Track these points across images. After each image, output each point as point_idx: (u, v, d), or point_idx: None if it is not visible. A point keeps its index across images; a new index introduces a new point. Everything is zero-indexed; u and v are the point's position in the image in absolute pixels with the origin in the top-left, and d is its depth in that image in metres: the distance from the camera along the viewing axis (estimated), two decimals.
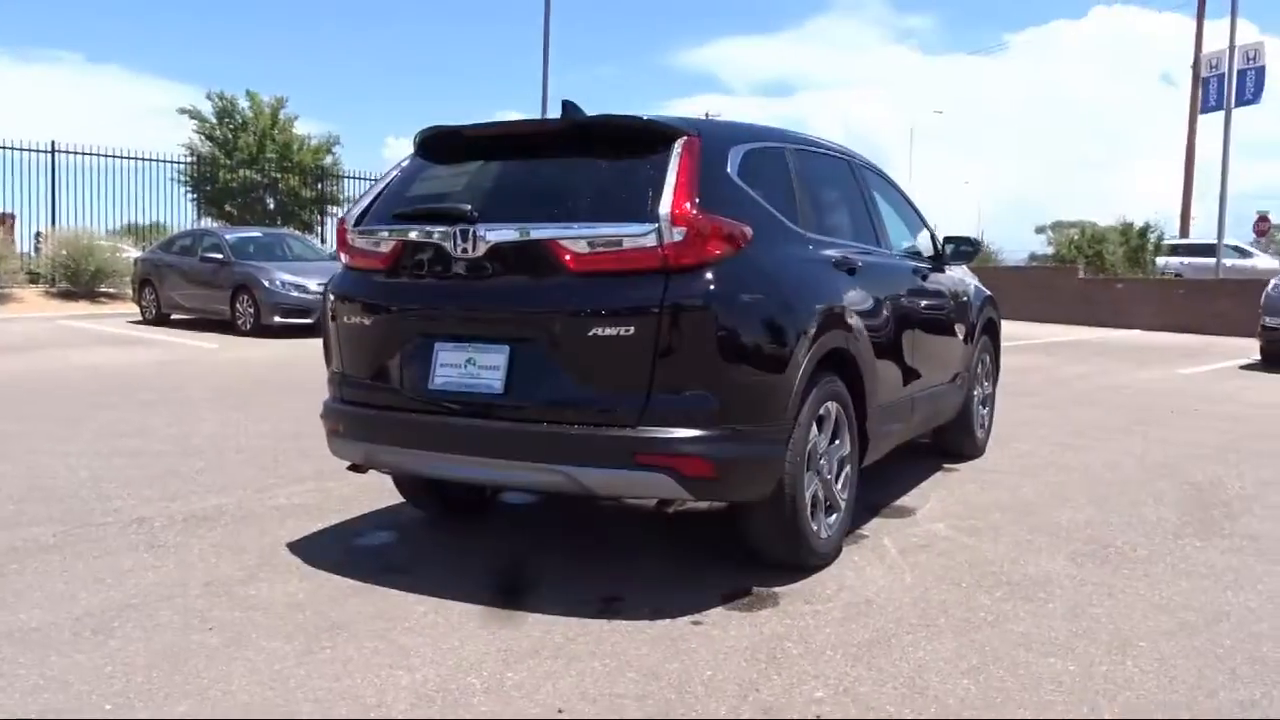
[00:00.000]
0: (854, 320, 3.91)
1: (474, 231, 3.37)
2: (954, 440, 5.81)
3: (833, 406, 3.77)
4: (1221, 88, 23.63)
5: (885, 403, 4.28)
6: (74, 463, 5.54)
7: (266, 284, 14.20)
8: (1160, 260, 26.69)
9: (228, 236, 15.87)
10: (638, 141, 3.46)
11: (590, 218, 3.34)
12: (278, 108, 28.84)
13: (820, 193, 4.30)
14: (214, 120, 28.54)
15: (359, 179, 24.99)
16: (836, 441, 3.85)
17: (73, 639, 3.06)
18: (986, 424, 6.24)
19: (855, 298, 3.99)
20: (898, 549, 4.06)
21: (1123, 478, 5.55)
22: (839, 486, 3.87)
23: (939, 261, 5.39)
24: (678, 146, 3.38)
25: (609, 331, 3.19)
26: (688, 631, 3.14)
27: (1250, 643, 3.13)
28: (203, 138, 28.44)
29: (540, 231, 3.34)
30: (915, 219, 5.49)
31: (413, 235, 3.57)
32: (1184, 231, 30.45)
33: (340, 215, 3.78)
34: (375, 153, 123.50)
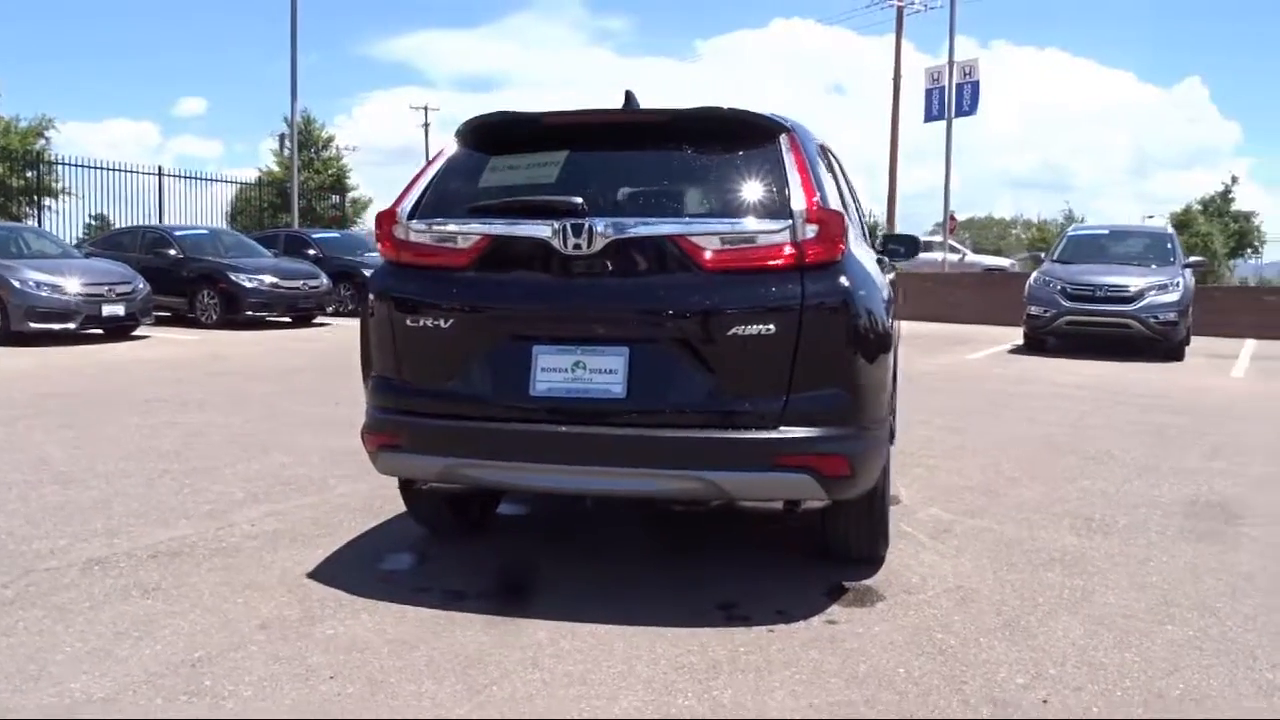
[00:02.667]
0: (895, 315, 4.02)
1: (589, 226, 3.15)
2: None
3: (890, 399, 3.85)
4: (943, 100, 26.15)
5: (890, 394, 4.42)
6: None
7: (17, 285, 12.47)
8: None
9: None
10: (738, 135, 3.37)
11: (713, 213, 3.23)
12: None
13: (845, 188, 4.37)
14: None
15: (84, 167, 22.34)
16: None
17: (169, 705, 2.60)
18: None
19: (891, 294, 4.10)
20: (925, 535, 4.21)
21: (1035, 455, 6.04)
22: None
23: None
24: (784, 141, 3.33)
25: (749, 331, 3.09)
26: (836, 632, 3.11)
27: None
28: None
29: (668, 227, 3.18)
30: (860, 213, 5.68)
31: (512, 230, 3.27)
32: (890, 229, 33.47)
33: (384, 208, 3.40)
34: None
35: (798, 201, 3.15)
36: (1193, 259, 14.26)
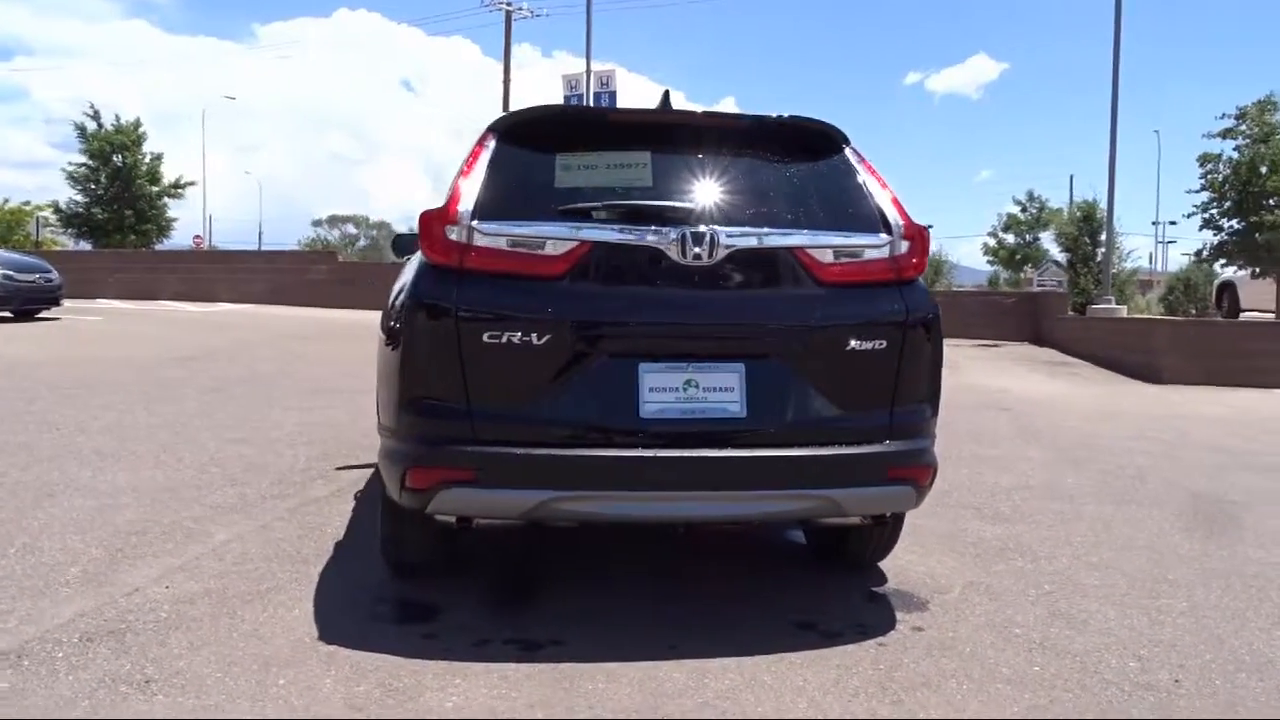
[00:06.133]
0: None
1: (712, 236, 2.97)
2: None
3: None
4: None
5: None
6: None
7: None
8: None
9: None
10: (810, 144, 3.36)
11: (820, 226, 3.17)
12: None
13: None
14: None
15: None
16: None
17: None
18: None
19: None
20: None
21: None
22: None
23: None
24: (851, 153, 3.36)
25: (864, 345, 3.09)
26: (937, 639, 3.21)
27: (1222, 576, 4.15)
28: None
29: (788, 238, 3.08)
30: None
31: (621, 238, 2.98)
32: None
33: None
34: None
35: (893, 216, 3.20)
36: None
